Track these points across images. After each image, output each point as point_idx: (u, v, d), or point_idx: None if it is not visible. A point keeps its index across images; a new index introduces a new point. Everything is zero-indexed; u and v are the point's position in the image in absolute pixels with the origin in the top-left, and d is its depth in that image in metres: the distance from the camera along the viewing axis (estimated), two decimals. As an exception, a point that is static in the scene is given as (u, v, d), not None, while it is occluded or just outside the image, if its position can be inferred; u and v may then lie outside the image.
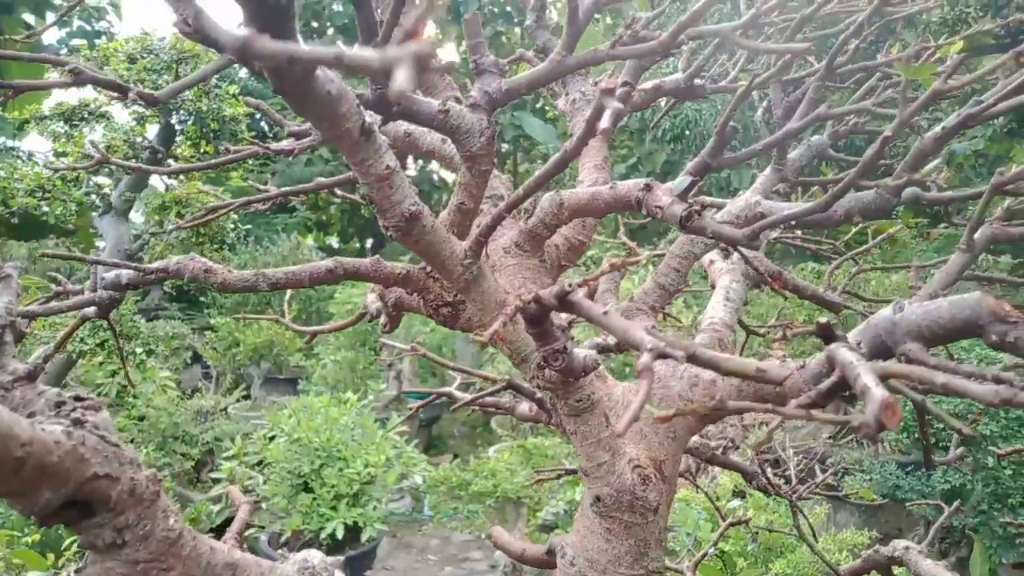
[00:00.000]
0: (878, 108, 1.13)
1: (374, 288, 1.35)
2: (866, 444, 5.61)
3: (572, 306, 0.72)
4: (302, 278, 1.13)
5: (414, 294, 1.23)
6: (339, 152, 0.94)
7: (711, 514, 4.08)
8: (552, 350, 0.84)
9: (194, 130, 4.00)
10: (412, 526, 6.53)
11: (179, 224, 1.74)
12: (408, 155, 1.47)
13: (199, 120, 3.92)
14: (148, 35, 3.88)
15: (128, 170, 1.54)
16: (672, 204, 1.04)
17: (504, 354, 1.18)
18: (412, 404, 7.98)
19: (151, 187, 4.65)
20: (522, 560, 1.34)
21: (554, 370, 0.87)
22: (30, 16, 8.98)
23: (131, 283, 1.23)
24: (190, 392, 7.29)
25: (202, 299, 9.08)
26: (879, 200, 1.25)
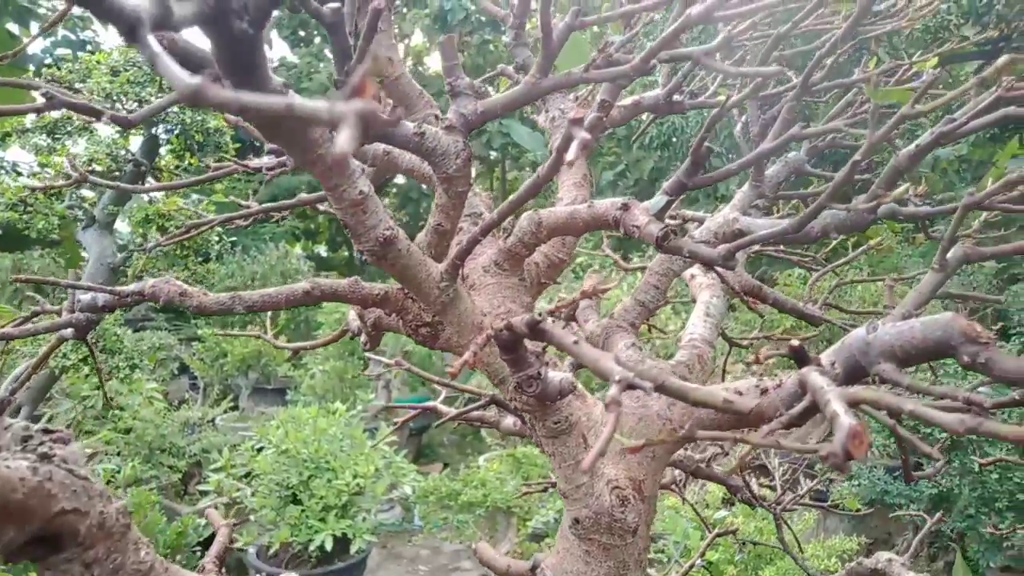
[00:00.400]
0: (851, 128, 1.14)
1: (354, 306, 1.35)
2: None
3: (543, 334, 0.72)
4: (278, 300, 1.12)
5: (393, 314, 1.22)
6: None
7: (699, 522, 4.08)
8: (526, 376, 0.83)
9: (178, 142, 3.98)
10: (402, 536, 6.50)
11: (160, 241, 1.73)
12: (387, 174, 1.47)
13: (183, 132, 3.90)
14: (131, 47, 3.82)
15: (108, 186, 1.53)
16: (649, 224, 1.04)
17: (483, 374, 1.18)
18: (401, 413, 7.94)
19: (135, 199, 4.62)
20: (506, 577, 1.34)
21: (528, 396, 0.87)
22: (14, 26, 8.92)
23: (107, 306, 1.22)
24: (177, 403, 7.23)
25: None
26: (855, 216, 1.26)
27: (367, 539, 5.05)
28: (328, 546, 4.92)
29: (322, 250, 15.81)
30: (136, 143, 4.22)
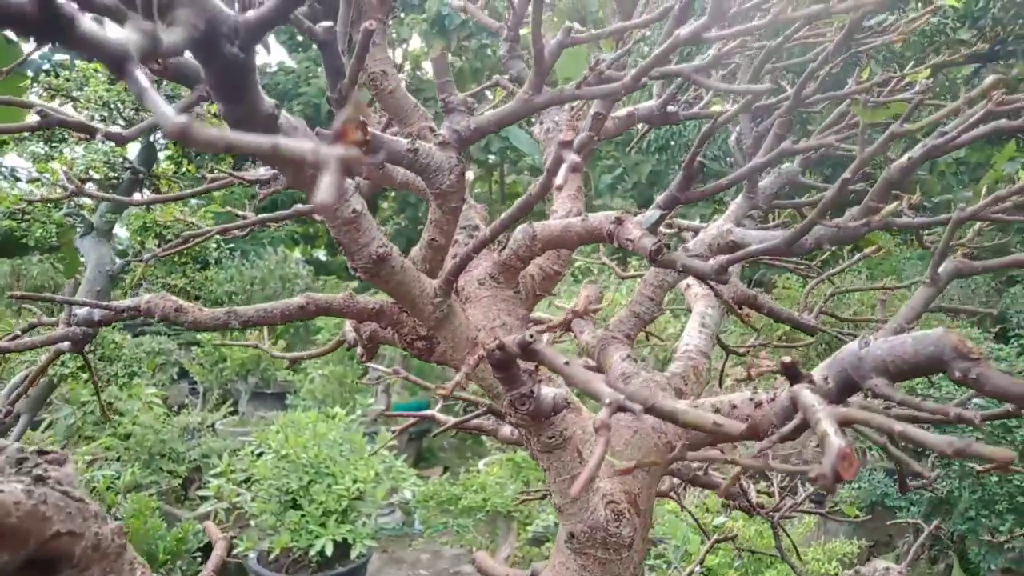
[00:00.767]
0: (842, 143, 1.14)
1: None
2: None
3: (535, 355, 0.72)
4: (274, 315, 1.13)
5: (388, 328, 1.23)
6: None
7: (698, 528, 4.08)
8: (519, 394, 0.84)
9: (176, 150, 3.97)
10: (403, 540, 6.50)
11: (156, 252, 1.73)
12: (382, 187, 1.47)
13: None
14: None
15: (104, 198, 1.54)
16: (642, 238, 1.05)
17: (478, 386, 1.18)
18: (400, 419, 7.91)
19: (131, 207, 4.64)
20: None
21: (521, 414, 0.87)
22: (12, 33, 8.91)
23: (103, 320, 1.22)
24: (177, 408, 7.23)
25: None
26: (848, 229, 1.26)
27: (367, 544, 5.05)
28: (328, 551, 4.91)
29: (321, 254, 15.81)
30: (133, 151, 4.22)
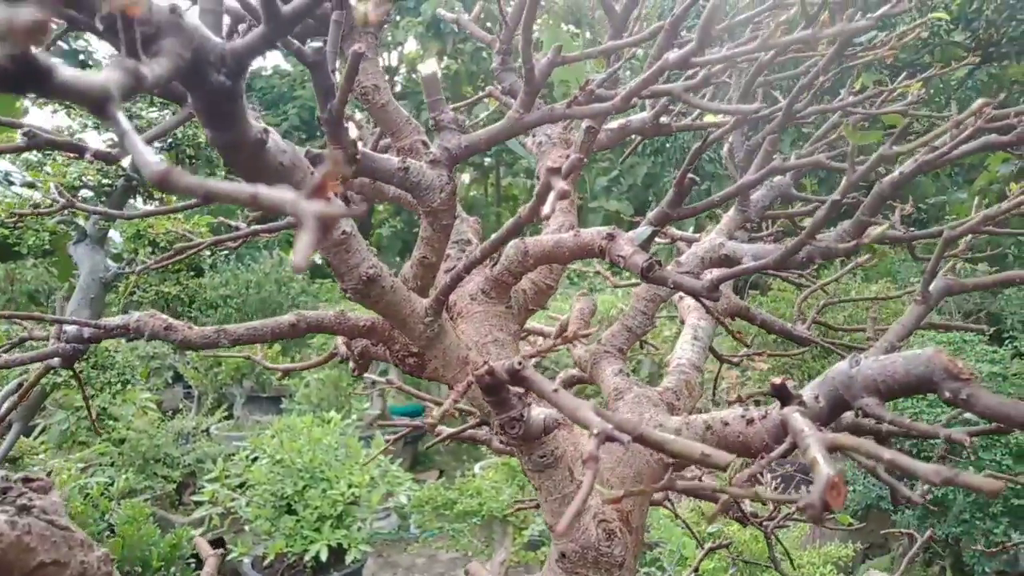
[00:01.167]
0: (832, 161, 1.14)
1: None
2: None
3: (524, 381, 0.72)
4: (264, 333, 1.12)
5: (379, 344, 1.22)
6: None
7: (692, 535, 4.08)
8: (508, 418, 0.84)
9: (170, 156, 3.96)
10: (398, 545, 6.49)
11: (148, 265, 1.73)
12: (374, 201, 1.47)
13: (175, 146, 3.89)
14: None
15: (94, 212, 1.53)
16: (634, 254, 1.05)
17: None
18: (395, 420, 7.90)
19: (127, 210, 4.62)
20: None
21: (511, 438, 0.87)
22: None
23: (92, 338, 1.22)
24: (171, 413, 7.21)
25: (188, 314, 9.00)
26: (839, 244, 1.26)
27: (362, 549, 5.04)
28: (323, 556, 4.90)
29: (316, 257, 15.75)
30: (127, 158, 4.20)
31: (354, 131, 1.74)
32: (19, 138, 1.01)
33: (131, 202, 4.12)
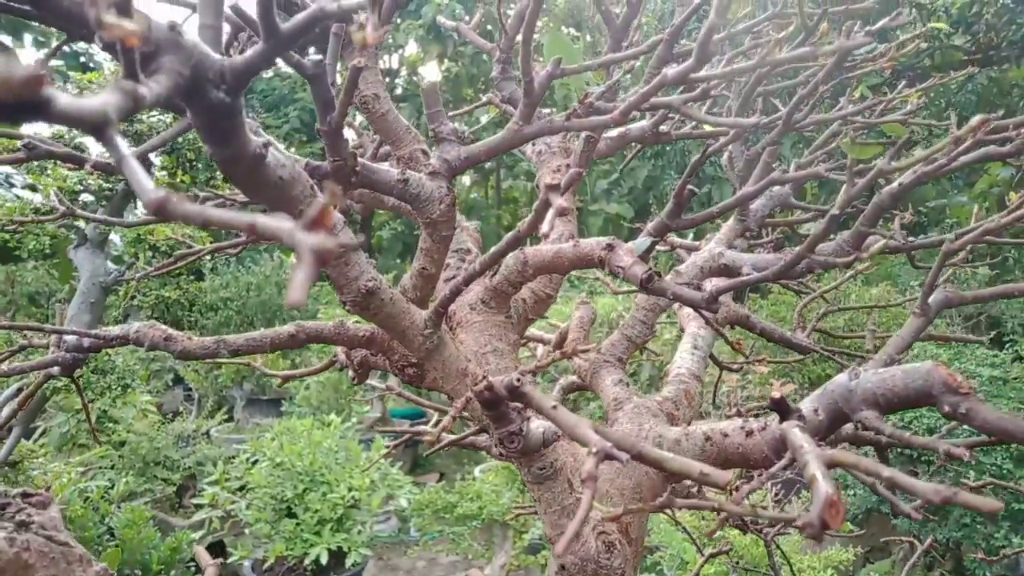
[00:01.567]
0: (830, 173, 1.14)
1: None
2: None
3: (523, 397, 0.72)
4: (263, 344, 1.12)
5: (379, 354, 1.22)
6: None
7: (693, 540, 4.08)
8: (507, 432, 0.84)
9: (171, 161, 3.97)
10: (399, 548, 6.48)
11: (147, 272, 1.73)
12: (374, 210, 1.47)
13: (175, 150, 3.89)
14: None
15: (94, 219, 1.53)
16: (633, 265, 1.05)
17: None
18: (396, 424, 7.86)
19: (126, 216, 4.61)
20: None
21: (510, 451, 0.87)
22: (7, 38, 8.91)
23: (92, 348, 1.22)
24: (171, 415, 7.21)
25: (188, 318, 9.00)
26: (839, 251, 1.26)
27: (363, 552, 5.03)
28: (324, 560, 4.90)
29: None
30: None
31: (353, 137, 1.74)
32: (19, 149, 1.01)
33: (131, 207, 4.12)
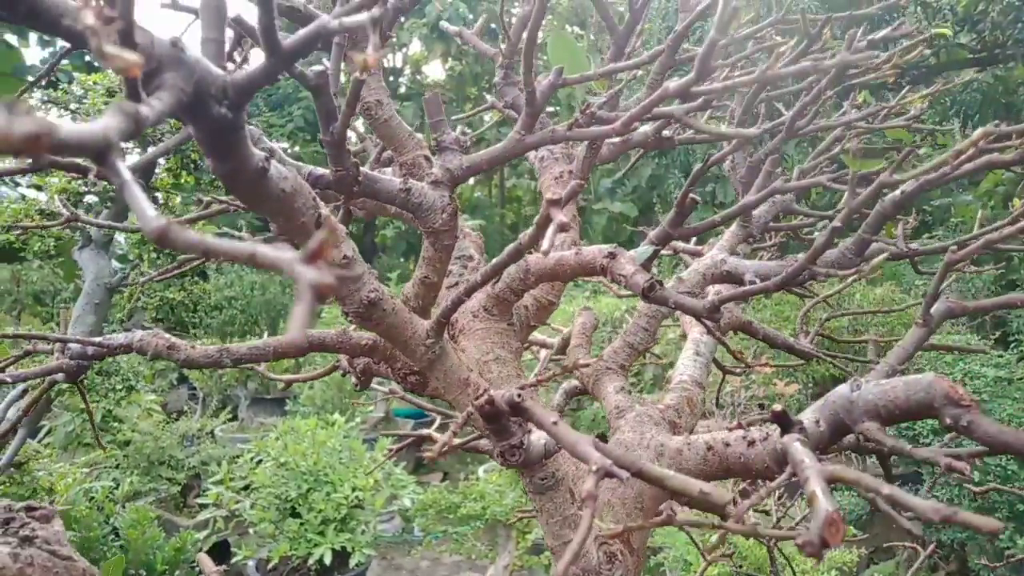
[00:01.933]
0: (833, 183, 1.14)
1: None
2: (855, 460, 5.62)
3: (524, 412, 0.72)
4: (267, 352, 1.12)
5: (381, 362, 1.23)
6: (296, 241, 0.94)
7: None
8: (509, 445, 0.84)
9: (174, 161, 3.98)
10: (402, 548, 6.49)
11: (151, 276, 1.73)
12: (377, 216, 1.47)
13: (179, 151, 3.90)
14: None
15: (97, 224, 1.54)
16: (635, 274, 1.05)
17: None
18: (400, 422, 7.85)
19: (131, 217, 4.63)
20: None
21: (512, 464, 0.87)
22: (12, 36, 8.92)
23: (96, 356, 1.22)
24: (176, 414, 7.23)
25: (191, 320, 9.03)
26: (842, 259, 1.26)
27: (366, 552, 5.04)
28: (327, 560, 4.91)
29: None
30: (132, 162, 4.20)
31: (355, 141, 1.74)
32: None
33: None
